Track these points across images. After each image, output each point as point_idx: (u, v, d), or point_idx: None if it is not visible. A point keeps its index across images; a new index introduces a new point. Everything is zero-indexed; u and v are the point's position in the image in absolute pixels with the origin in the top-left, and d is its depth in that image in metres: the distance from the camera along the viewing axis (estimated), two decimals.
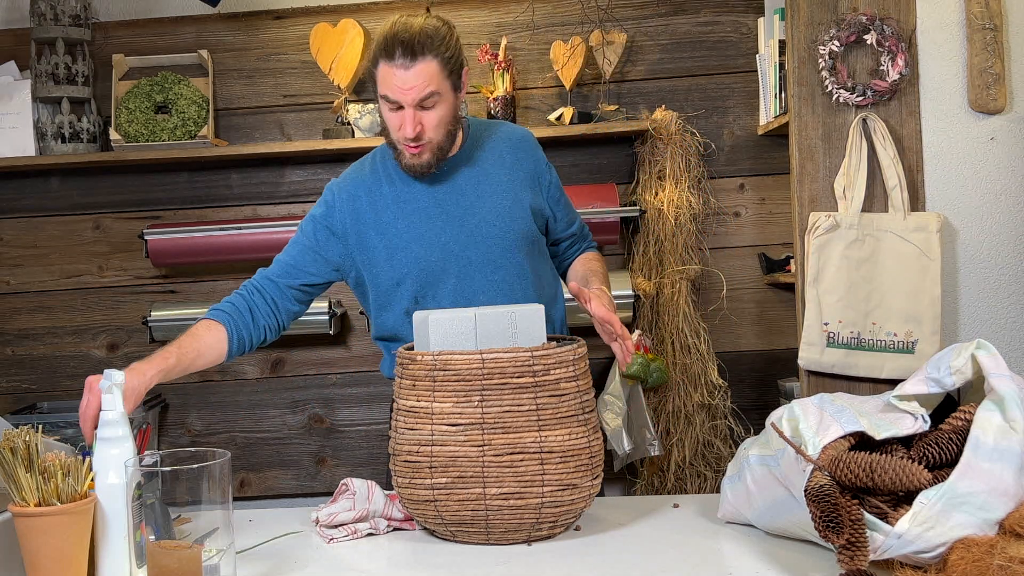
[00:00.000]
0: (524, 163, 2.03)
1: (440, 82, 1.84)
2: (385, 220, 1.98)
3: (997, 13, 2.51)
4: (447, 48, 1.84)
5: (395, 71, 1.82)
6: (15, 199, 3.45)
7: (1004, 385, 1.33)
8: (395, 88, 1.83)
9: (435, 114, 1.86)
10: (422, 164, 1.91)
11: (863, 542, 1.25)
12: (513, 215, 1.98)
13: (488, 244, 1.95)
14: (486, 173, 2.00)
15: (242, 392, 3.46)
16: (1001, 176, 2.55)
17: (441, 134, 1.89)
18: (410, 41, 1.80)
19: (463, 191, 1.98)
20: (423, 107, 1.85)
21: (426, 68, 1.82)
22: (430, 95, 1.84)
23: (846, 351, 2.54)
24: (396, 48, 1.81)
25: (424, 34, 1.82)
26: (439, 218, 1.96)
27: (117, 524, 1.38)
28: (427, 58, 1.82)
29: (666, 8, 3.34)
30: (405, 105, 1.84)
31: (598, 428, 1.64)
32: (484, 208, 1.97)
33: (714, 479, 3.15)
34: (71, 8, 3.26)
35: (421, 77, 1.82)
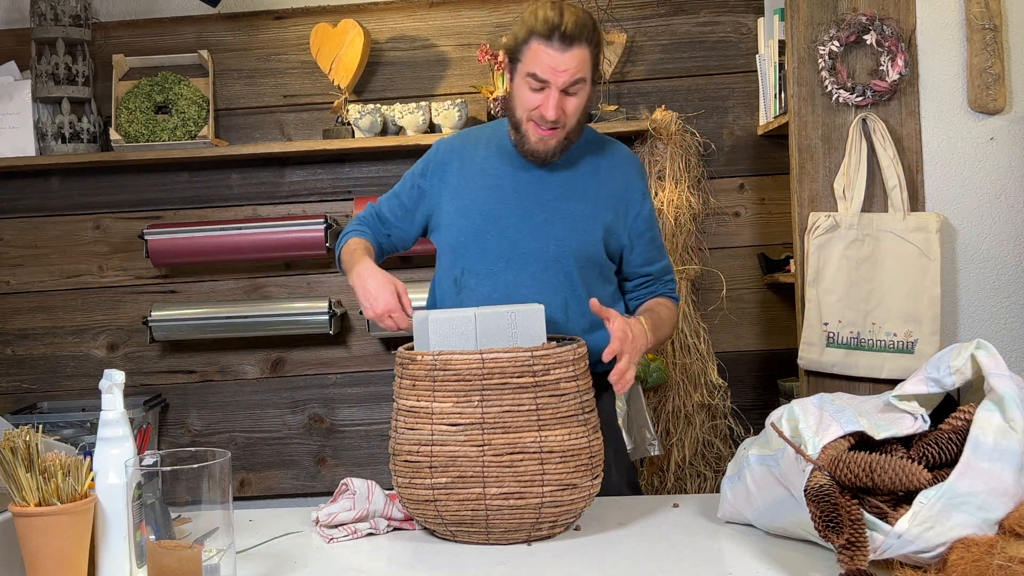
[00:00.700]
0: (616, 184, 2.00)
1: (587, 70, 1.87)
2: (463, 187, 2.00)
3: (997, 13, 2.51)
4: (597, 38, 1.88)
5: (551, 52, 1.84)
6: (15, 199, 3.45)
7: (1004, 385, 1.33)
8: (548, 68, 1.84)
9: (576, 101, 1.88)
10: (548, 150, 1.92)
11: (863, 542, 1.25)
12: (582, 228, 1.96)
13: (546, 244, 1.94)
14: (576, 179, 1.98)
15: (242, 392, 3.46)
16: (1001, 176, 2.55)
17: (574, 122, 1.91)
18: (567, 26, 1.83)
19: (547, 187, 1.97)
20: (568, 92, 1.87)
21: (580, 54, 1.84)
22: (577, 81, 1.86)
23: (846, 351, 2.54)
24: (556, 30, 1.83)
25: (581, 23, 1.85)
26: (512, 203, 1.96)
27: (117, 524, 1.38)
28: (582, 45, 1.84)
29: (666, 8, 3.34)
30: (553, 87, 1.85)
31: (598, 428, 1.64)
32: (558, 211, 1.96)
33: (714, 479, 3.15)
34: (71, 8, 3.26)
35: (575, 62, 1.84)
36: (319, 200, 3.43)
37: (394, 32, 3.39)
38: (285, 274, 3.45)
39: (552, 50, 1.84)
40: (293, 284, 3.45)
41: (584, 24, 1.86)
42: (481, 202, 1.98)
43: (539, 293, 1.92)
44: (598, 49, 1.89)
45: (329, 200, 3.43)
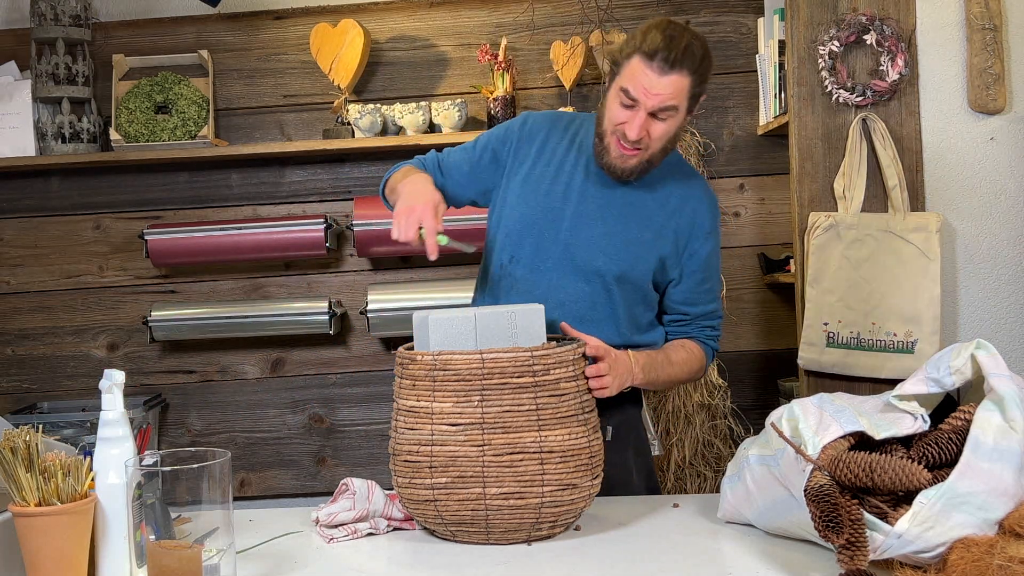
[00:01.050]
0: (684, 218, 1.94)
1: (682, 99, 1.81)
2: (534, 174, 1.96)
3: (997, 13, 2.51)
4: (703, 70, 1.81)
5: (649, 72, 1.77)
6: (15, 199, 3.45)
7: (1004, 385, 1.33)
8: (641, 88, 1.78)
9: (664, 127, 1.82)
10: (625, 169, 1.87)
11: (863, 542, 1.25)
12: (635, 253, 1.91)
13: (595, 257, 1.90)
14: (645, 204, 1.93)
15: (242, 392, 3.46)
16: (1001, 176, 2.55)
17: (658, 147, 1.85)
18: (675, 50, 1.76)
19: (613, 203, 1.93)
20: (656, 116, 1.81)
21: (678, 81, 1.78)
22: (669, 107, 1.80)
23: (846, 351, 2.54)
24: (659, 52, 1.76)
25: (689, 50, 1.77)
26: (575, 208, 1.92)
27: (117, 524, 1.38)
28: (683, 72, 1.78)
29: (666, 8, 3.34)
30: (642, 107, 1.80)
31: (598, 428, 1.64)
32: (617, 230, 1.91)
33: (714, 479, 3.15)
34: (71, 8, 3.26)
35: (670, 88, 1.78)
36: (319, 200, 3.43)
37: (394, 32, 3.39)
38: (285, 274, 3.45)
39: (650, 71, 1.77)
40: (293, 284, 3.45)
41: (691, 53, 1.78)
42: (546, 195, 1.94)
43: (577, 302, 1.91)
44: (701, 80, 1.82)
45: (329, 200, 3.43)
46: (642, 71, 1.78)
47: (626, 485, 1.95)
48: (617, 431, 1.97)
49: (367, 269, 3.44)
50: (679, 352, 1.95)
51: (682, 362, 1.94)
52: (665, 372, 1.90)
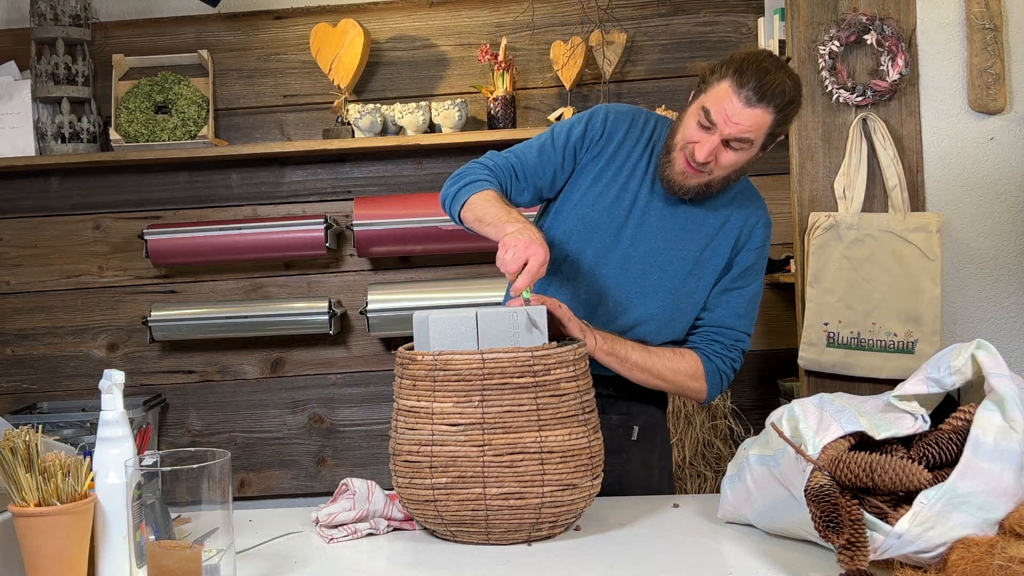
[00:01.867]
0: (734, 238, 1.91)
1: (761, 134, 1.77)
2: (605, 174, 1.91)
3: (997, 13, 2.51)
4: (788, 110, 1.76)
5: (735, 99, 1.73)
6: (15, 199, 3.45)
7: (1004, 385, 1.33)
8: (723, 113, 1.74)
9: (734, 157, 1.79)
10: (683, 187, 1.83)
11: (863, 542, 1.25)
12: (689, 271, 1.88)
13: (651, 271, 1.87)
14: (705, 222, 1.90)
15: (242, 392, 3.46)
16: (1001, 176, 2.55)
17: (722, 175, 1.82)
18: (767, 85, 1.72)
19: (676, 219, 1.89)
20: (730, 145, 1.77)
21: (762, 116, 1.74)
22: (744, 139, 1.76)
23: (846, 351, 2.54)
24: (751, 81, 1.72)
25: (783, 87, 1.73)
26: (638, 218, 1.88)
27: (117, 524, 1.38)
28: (768, 108, 1.73)
29: (666, 8, 3.34)
30: (718, 133, 1.76)
31: (598, 428, 1.64)
32: (677, 244, 1.88)
33: (714, 479, 3.15)
34: (71, 8, 3.26)
35: (751, 120, 1.74)
36: (319, 200, 3.43)
37: (394, 32, 3.39)
38: (285, 274, 3.45)
39: (736, 99, 1.73)
40: (293, 284, 3.45)
41: (782, 91, 1.73)
42: (612, 200, 1.89)
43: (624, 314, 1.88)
44: (783, 121, 1.77)
45: (329, 200, 3.43)
46: (728, 97, 1.74)
47: (647, 484, 1.97)
48: (643, 431, 1.97)
49: (367, 269, 3.44)
50: (661, 349, 1.88)
51: (662, 356, 1.86)
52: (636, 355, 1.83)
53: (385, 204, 3.24)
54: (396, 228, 3.21)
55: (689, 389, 1.89)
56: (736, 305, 1.92)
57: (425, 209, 3.19)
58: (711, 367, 1.89)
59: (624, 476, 1.93)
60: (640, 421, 1.97)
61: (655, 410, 2.01)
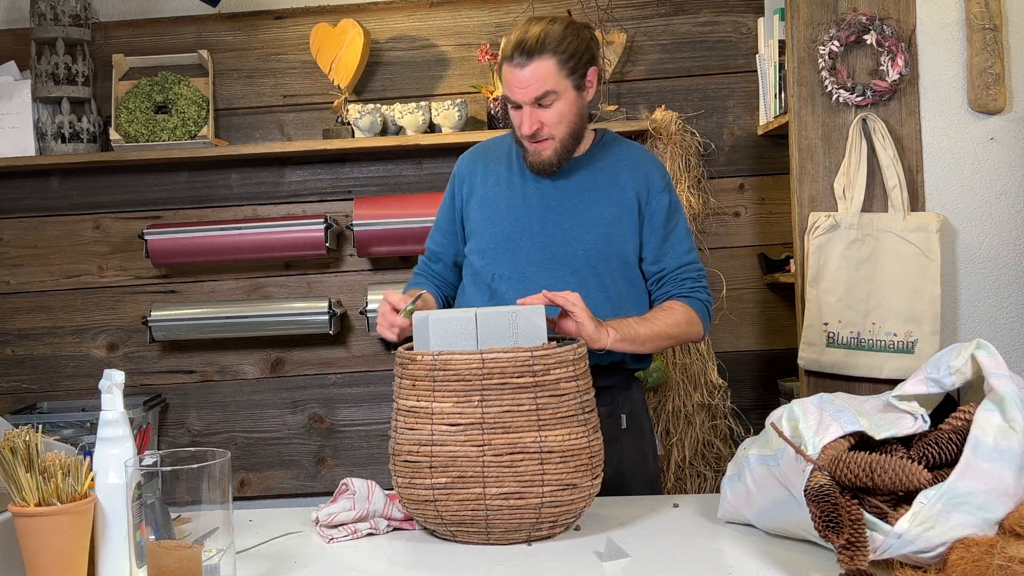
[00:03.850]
0: (637, 184, 1.99)
1: (557, 80, 1.87)
2: (489, 197, 2.03)
3: (997, 13, 2.51)
4: (565, 48, 1.87)
5: (513, 71, 1.88)
6: (15, 199, 3.45)
7: (1004, 385, 1.33)
8: (513, 87, 1.89)
9: (554, 111, 1.89)
10: (543, 161, 1.94)
11: (863, 542, 1.25)
12: (608, 231, 1.96)
13: (575, 249, 1.95)
14: (598, 183, 1.99)
15: (242, 392, 3.46)
16: (1001, 176, 2.55)
17: (563, 131, 1.92)
18: (527, 41, 1.86)
19: (571, 193, 1.99)
20: (541, 105, 1.88)
21: (541, 67, 1.86)
22: (546, 94, 1.87)
23: (846, 351, 2.54)
24: (516, 47, 1.87)
25: (543, 35, 1.86)
26: (539, 211, 1.98)
27: (117, 524, 1.38)
28: (543, 57, 1.86)
29: (666, 8, 3.34)
30: (523, 104, 1.89)
31: (598, 428, 1.64)
32: (584, 215, 1.97)
33: (714, 479, 3.15)
34: (71, 8, 3.26)
35: (536, 76, 1.86)
36: (319, 200, 3.43)
37: (394, 32, 3.39)
38: (285, 274, 3.45)
39: (514, 68, 1.87)
40: (293, 284, 3.45)
41: (548, 35, 1.86)
42: (508, 210, 2.01)
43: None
44: (571, 56, 1.88)
45: (329, 200, 3.43)
46: (509, 73, 1.88)
47: (644, 468, 2.04)
48: (630, 418, 2.04)
49: (367, 269, 3.44)
50: (655, 312, 1.95)
51: (661, 318, 1.93)
52: (644, 328, 1.88)
53: (385, 204, 3.24)
54: (396, 228, 3.21)
55: (691, 335, 1.97)
56: (680, 245, 2.01)
57: (425, 209, 3.19)
58: (696, 305, 1.98)
59: (622, 465, 1.98)
60: (626, 409, 2.03)
61: (636, 396, 2.08)
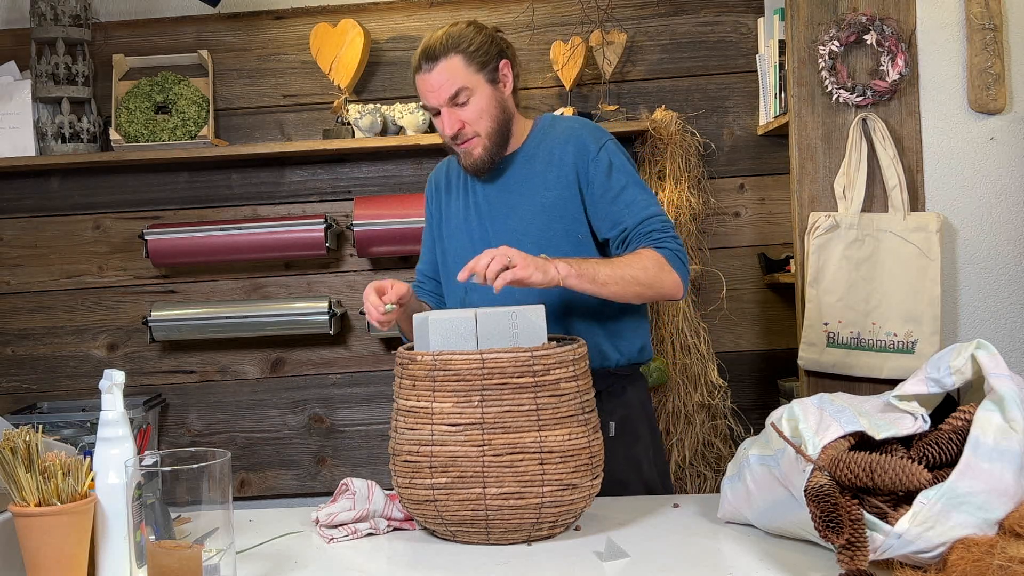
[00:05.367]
0: (571, 157, 1.94)
1: (467, 76, 1.89)
2: (448, 211, 2.07)
3: (997, 13, 2.51)
4: (469, 44, 1.89)
5: (424, 78, 1.91)
6: (15, 199, 3.45)
7: (1004, 385, 1.33)
8: (426, 94, 1.91)
9: (472, 108, 1.90)
10: (475, 161, 1.95)
11: (863, 542, 1.25)
12: (553, 215, 1.93)
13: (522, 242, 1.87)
14: (535, 171, 1.97)
15: (242, 392, 3.46)
16: (1001, 176, 2.55)
17: (486, 126, 1.92)
18: (430, 47, 1.89)
19: (511, 188, 1.98)
20: (456, 104, 1.90)
21: (447, 67, 1.88)
22: (458, 92, 1.89)
23: (846, 351, 2.54)
24: (420, 57, 1.91)
25: (445, 36, 1.89)
26: (487, 215, 1.99)
27: (117, 524, 1.38)
28: (447, 58, 1.88)
29: (666, 8, 3.34)
30: (439, 107, 1.90)
31: (598, 428, 1.64)
32: (527, 206, 1.95)
33: (714, 479, 3.15)
34: (71, 8, 3.26)
35: (442, 77, 1.88)
36: (319, 200, 3.43)
37: (394, 32, 3.39)
38: (285, 274, 3.45)
39: (423, 75, 1.90)
40: (293, 284, 3.45)
41: (450, 36, 1.89)
42: (463, 221, 2.03)
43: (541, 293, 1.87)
44: (476, 51, 1.90)
45: (329, 200, 3.43)
46: (420, 83, 1.92)
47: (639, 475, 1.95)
48: (621, 425, 1.96)
49: (367, 269, 3.44)
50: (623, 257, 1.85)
51: (626, 260, 1.82)
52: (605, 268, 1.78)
53: (385, 204, 3.24)
54: (396, 228, 3.20)
55: (664, 283, 1.83)
56: (635, 200, 1.90)
57: (424, 209, 3.18)
58: (667, 253, 1.85)
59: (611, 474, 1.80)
60: (616, 416, 1.95)
61: (632, 401, 2.00)
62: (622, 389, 1.99)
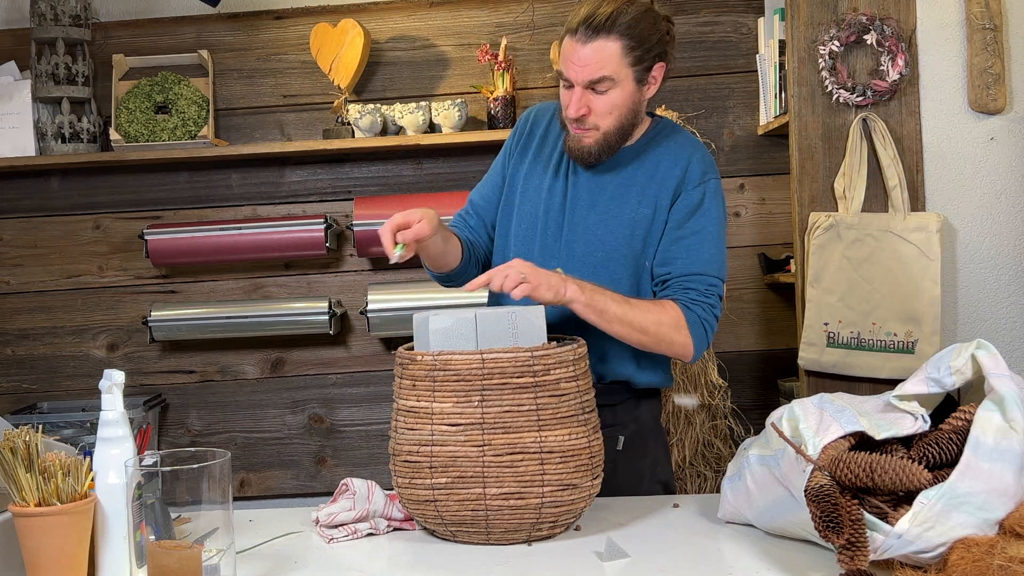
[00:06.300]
0: (674, 181, 1.83)
1: (618, 67, 1.72)
2: (537, 170, 1.90)
3: (997, 13, 2.51)
4: (636, 34, 1.72)
5: (574, 45, 1.72)
6: (15, 199, 3.45)
7: (1004, 385, 1.33)
8: (569, 63, 1.73)
9: (606, 100, 1.75)
10: (583, 150, 1.80)
11: (863, 542, 1.24)
12: (637, 231, 1.82)
13: (595, 248, 1.83)
14: (637, 179, 1.84)
15: (242, 392, 3.46)
16: (1001, 176, 2.55)
17: (610, 123, 1.77)
18: (596, 17, 1.70)
19: (604, 188, 1.85)
20: (595, 90, 1.74)
21: (605, 47, 1.71)
22: (602, 79, 1.72)
23: (846, 351, 2.54)
24: (583, 21, 1.71)
25: (615, 13, 1.70)
26: (572, 200, 1.86)
27: (117, 524, 1.38)
28: (609, 38, 1.70)
29: (666, 8, 3.34)
30: (575, 83, 1.74)
31: (598, 428, 1.64)
32: (612, 211, 1.83)
33: (714, 479, 3.15)
34: (71, 8, 3.26)
35: (597, 56, 1.71)
36: (319, 200, 3.43)
37: (394, 32, 3.39)
38: (285, 274, 3.45)
39: (576, 42, 1.71)
40: (293, 284, 3.45)
41: (620, 14, 1.70)
42: (548, 191, 1.87)
43: None
44: (638, 44, 1.72)
45: (329, 200, 3.43)
46: (569, 46, 1.73)
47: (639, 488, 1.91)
48: (631, 439, 1.91)
49: (367, 269, 3.44)
50: (641, 300, 1.77)
51: (644, 306, 1.74)
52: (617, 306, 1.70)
53: (385, 204, 3.24)
54: None
55: (674, 343, 1.76)
56: (697, 250, 1.80)
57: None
58: (692, 317, 1.76)
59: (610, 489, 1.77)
60: (628, 431, 1.90)
61: (645, 416, 1.94)
62: (636, 405, 1.93)
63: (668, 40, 1.79)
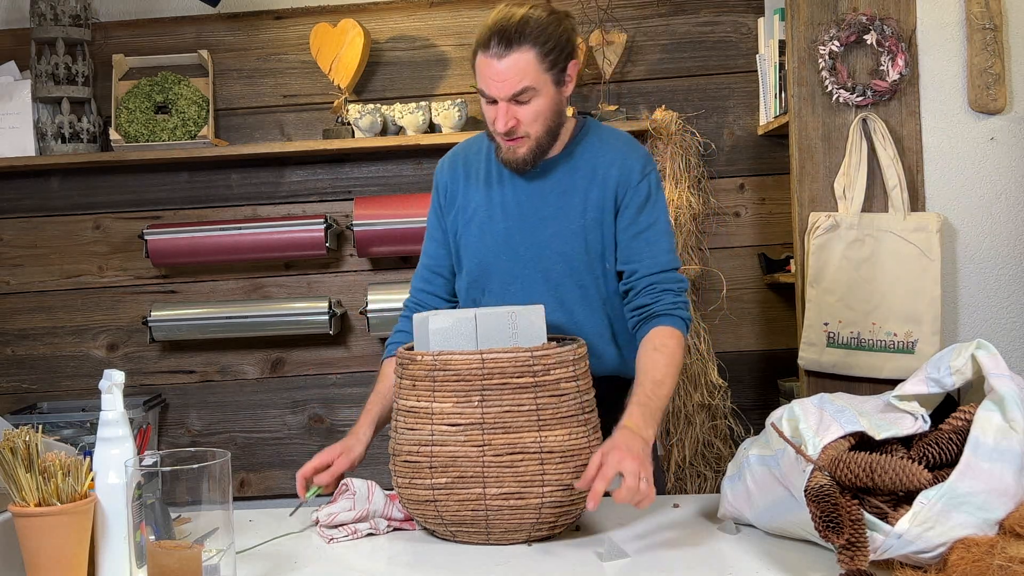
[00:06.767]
0: (614, 180, 1.84)
1: (536, 75, 1.74)
2: (470, 207, 1.91)
3: (997, 13, 2.51)
4: (547, 38, 1.73)
5: (490, 62, 1.73)
6: (15, 199, 3.45)
7: (1004, 385, 1.33)
8: (488, 81, 1.74)
9: (531, 108, 1.76)
10: (517, 159, 1.81)
11: (863, 542, 1.25)
12: (587, 234, 1.83)
13: (554, 259, 1.84)
14: (576, 185, 1.85)
15: (242, 392, 3.46)
16: (1001, 176, 2.55)
17: (539, 129, 1.79)
18: (506, 30, 1.71)
19: (546, 197, 1.86)
20: (518, 101, 1.75)
21: (521, 59, 1.72)
22: (524, 90, 1.74)
23: (846, 351, 2.54)
24: (493, 35, 1.72)
25: (523, 23, 1.71)
26: (516, 216, 1.87)
27: (117, 524, 1.38)
28: (523, 48, 1.71)
29: (666, 8, 3.34)
30: (498, 99, 1.75)
31: (598, 428, 1.64)
32: (560, 219, 1.84)
33: (714, 479, 3.15)
34: (71, 8, 3.25)
35: (515, 70, 1.72)
36: (319, 200, 3.43)
37: (394, 32, 3.39)
38: (285, 274, 3.45)
39: (491, 58, 1.72)
40: (293, 284, 3.45)
41: (529, 22, 1.72)
42: (485, 218, 1.89)
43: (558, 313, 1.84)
44: (552, 48, 1.74)
45: (329, 200, 3.43)
46: (484, 64, 1.74)
47: None
48: None
49: (367, 269, 3.44)
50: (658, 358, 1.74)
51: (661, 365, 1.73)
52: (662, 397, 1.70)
53: (385, 204, 3.24)
54: (396, 228, 3.21)
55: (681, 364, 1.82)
56: (657, 243, 1.83)
57: (425, 209, 3.16)
58: (678, 323, 1.79)
59: None
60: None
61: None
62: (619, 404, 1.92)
63: (574, 35, 1.81)
